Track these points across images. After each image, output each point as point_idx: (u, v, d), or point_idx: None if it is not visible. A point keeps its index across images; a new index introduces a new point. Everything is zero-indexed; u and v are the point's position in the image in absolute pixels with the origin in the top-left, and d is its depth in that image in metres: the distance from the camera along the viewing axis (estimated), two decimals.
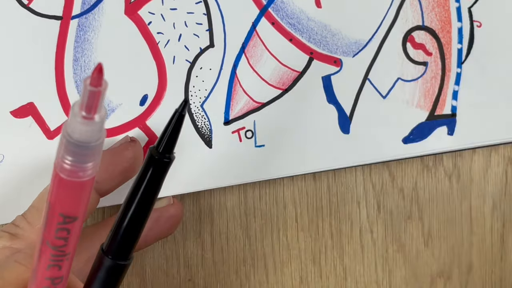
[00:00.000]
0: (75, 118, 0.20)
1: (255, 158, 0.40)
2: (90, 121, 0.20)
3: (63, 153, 0.22)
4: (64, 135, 0.21)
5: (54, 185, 0.22)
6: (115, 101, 0.40)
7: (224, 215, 0.43)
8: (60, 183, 0.22)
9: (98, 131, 0.21)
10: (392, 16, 0.41)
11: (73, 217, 0.23)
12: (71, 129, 0.21)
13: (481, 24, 0.41)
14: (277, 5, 0.40)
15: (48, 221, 0.23)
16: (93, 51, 0.40)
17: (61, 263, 0.24)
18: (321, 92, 0.41)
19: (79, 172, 0.22)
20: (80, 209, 0.23)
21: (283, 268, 0.43)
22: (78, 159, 0.22)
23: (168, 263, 0.42)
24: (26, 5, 0.39)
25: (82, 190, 0.22)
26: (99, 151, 0.22)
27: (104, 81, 0.20)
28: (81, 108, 0.20)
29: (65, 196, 0.23)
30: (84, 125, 0.21)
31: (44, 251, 0.24)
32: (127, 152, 0.38)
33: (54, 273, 0.24)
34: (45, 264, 0.24)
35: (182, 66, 0.40)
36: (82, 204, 0.23)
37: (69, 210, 0.23)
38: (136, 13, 0.40)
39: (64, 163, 0.22)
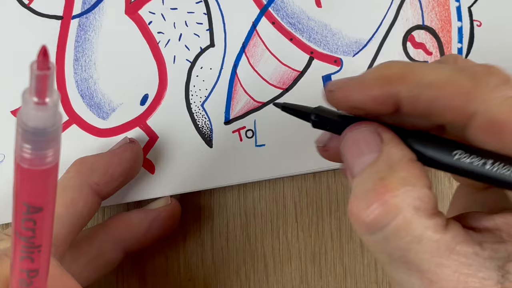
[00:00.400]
0: (27, 105, 0.20)
1: (255, 158, 0.40)
2: (43, 106, 0.20)
3: (21, 143, 0.21)
4: (19, 124, 0.21)
5: (16, 176, 0.22)
6: (116, 100, 0.40)
7: (224, 215, 0.43)
8: (22, 173, 0.22)
9: (53, 115, 0.21)
10: (392, 15, 0.41)
11: (38, 207, 0.22)
12: (25, 117, 0.20)
13: (481, 23, 0.41)
14: (277, 5, 0.41)
15: (15, 211, 0.23)
16: (93, 50, 0.40)
17: (33, 255, 0.24)
18: (321, 91, 0.41)
19: (38, 160, 0.22)
20: (45, 199, 0.23)
21: (283, 268, 0.43)
22: (36, 146, 0.21)
23: (168, 263, 0.42)
24: (27, 5, 0.39)
25: (45, 179, 0.22)
26: (57, 137, 0.22)
27: (51, 64, 0.20)
28: (31, 94, 0.20)
29: (28, 186, 0.22)
30: (37, 111, 0.20)
31: (16, 242, 0.24)
32: (127, 154, 0.38)
33: (27, 265, 0.24)
34: (18, 255, 0.24)
35: (182, 65, 0.40)
36: (47, 193, 0.23)
37: (32, 200, 0.22)
38: (137, 12, 0.40)
39: (23, 153, 0.21)
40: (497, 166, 0.24)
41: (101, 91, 0.40)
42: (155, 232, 0.39)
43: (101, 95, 0.40)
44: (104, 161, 0.37)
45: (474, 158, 0.24)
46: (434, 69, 0.26)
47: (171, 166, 0.40)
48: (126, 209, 0.41)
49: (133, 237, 0.38)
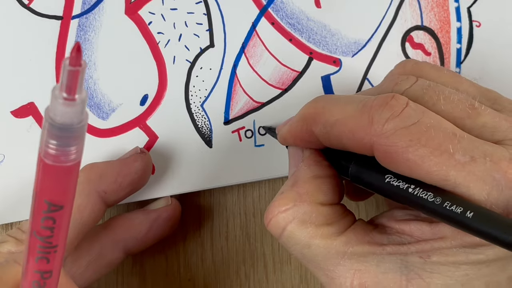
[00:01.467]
0: (56, 101, 0.20)
1: (255, 158, 0.41)
2: (72, 102, 0.20)
3: (47, 138, 0.22)
4: (46, 119, 0.21)
5: (39, 172, 0.22)
6: (116, 101, 0.40)
7: (224, 215, 0.43)
8: (45, 169, 0.22)
9: (80, 112, 0.21)
10: (391, 16, 0.41)
11: (59, 206, 0.22)
12: (53, 113, 0.21)
13: (480, 24, 0.42)
14: (276, 5, 0.41)
15: (35, 209, 0.23)
16: (93, 51, 0.40)
17: (49, 256, 0.24)
18: (320, 91, 0.41)
19: (63, 157, 0.22)
20: (66, 197, 0.23)
21: (282, 267, 0.43)
22: (62, 142, 0.22)
23: (168, 263, 0.42)
24: (27, 5, 0.39)
25: (67, 176, 0.22)
26: (82, 135, 0.22)
27: (83, 61, 0.20)
28: (61, 90, 0.20)
29: (50, 183, 0.22)
30: (65, 107, 0.20)
31: (32, 242, 0.24)
32: (137, 164, 0.38)
33: (42, 266, 0.24)
34: (34, 256, 0.24)
35: (182, 66, 0.40)
36: (68, 192, 0.23)
37: (54, 198, 0.22)
38: (137, 13, 0.40)
39: (48, 148, 0.22)
40: (417, 191, 0.26)
41: (101, 91, 0.40)
42: (156, 232, 0.39)
43: (101, 95, 0.40)
44: (114, 169, 0.37)
45: (401, 182, 0.27)
46: (341, 106, 0.29)
47: (171, 166, 0.40)
48: (127, 210, 0.41)
49: (133, 237, 0.38)
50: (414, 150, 0.26)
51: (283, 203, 0.30)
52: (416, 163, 0.26)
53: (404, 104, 0.27)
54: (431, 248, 0.27)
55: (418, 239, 0.28)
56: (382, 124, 0.27)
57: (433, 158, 0.25)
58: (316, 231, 0.29)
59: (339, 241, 0.29)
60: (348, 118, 0.28)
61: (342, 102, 0.29)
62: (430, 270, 0.27)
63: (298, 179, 0.31)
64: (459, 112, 0.28)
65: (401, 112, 0.27)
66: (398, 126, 0.26)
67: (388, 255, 0.28)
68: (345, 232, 0.29)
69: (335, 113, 0.29)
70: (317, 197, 0.30)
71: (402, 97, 0.27)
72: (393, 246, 0.28)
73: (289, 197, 0.30)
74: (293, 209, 0.30)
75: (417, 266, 0.27)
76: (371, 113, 0.27)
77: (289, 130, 0.32)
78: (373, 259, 0.28)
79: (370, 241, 0.29)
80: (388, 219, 0.30)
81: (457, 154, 0.25)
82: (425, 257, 0.27)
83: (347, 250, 0.29)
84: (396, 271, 0.27)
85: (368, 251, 0.28)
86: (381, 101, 0.27)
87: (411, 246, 0.28)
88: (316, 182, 0.31)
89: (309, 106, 0.31)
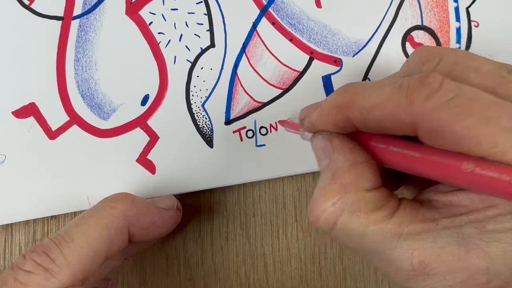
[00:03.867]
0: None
1: (255, 158, 0.41)
2: None
3: None
4: None
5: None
6: (117, 101, 0.40)
7: (224, 215, 0.43)
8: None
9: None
10: (391, 16, 0.41)
11: None
12: None
13: (478, 24, 0.42)
14: (277, 5, 0.41)
15: None
16: (94, 51, 0.40)
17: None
18: (321, 91, 0.41)
19: None
20: None
21: (282, 267, 0.43)
22: None
23: (168, 263, 0.42)
24: (27, 5, 0.39)
25: None
26: None
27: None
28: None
29: None
30: None
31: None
32: (171, 222, 0.38)
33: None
34: None
35: (183, 66, 0.40)
36: None
37: None
38: (137, 13, 0.40)
39: None
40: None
41: (101, 91, 0.40)
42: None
43: (101, 95, 0.40)
44: (149, 217, 0.36)
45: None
46: (376, 90, 0.29)
47: (171, 166, 0.40)
48: None
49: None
50: (460, 122, 0.25)
51: (330, 197, 0.29)
52: (463, 134, 0.25)
53: (441, 80, 0.27)
54: (485, 217, 0.27)
55: (469, 209, 0.28)
56: (423, 101, 0.26)
57: (480, 127, 0.25)
58: (369, 218, 0.29)
59: (392, 224, 0.28)
60: (386, 101, 0.28)
61: (377, 86, 0.29)
62: (487, 239, 0.27)
63: (337, 170, 0.30)
64: (490, 82, 0.27)
65: (440, 88, 0.26)
66: (439, 101, 0.26)
67: (443, 230, 0.28)
68: (396, 213, 0.29)
69: (371, 98, 0.29)
70: (362, 184, 0.29)
71: (437, 74, 0.27)
72: (446, 220, 0.28)
73: (333, 190, 0.29)
74: (340, 201, 0.29)
75: (474, 237, 0.27)
76: (409, 93, 0.27)
77: (320, 117, 0.31)
78: (429, 236, 0.28)
79: (422, 218, 0.28)
80: (434, 193, 0.30)
81: (503, 120, 0.25)
82: (480, 227, 0.27)
83: (402, 231, 0.28)
84: (454, 244, 0.27)
85: (422, 228, 0.28)
86: (417, 80, 0.27)
87: (464, 217, 0.28)
88: (356, 169, 0.30)
89: (342, 92, 0.30)
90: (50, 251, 0.32)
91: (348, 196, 0.29)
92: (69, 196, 0.40)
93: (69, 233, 0.33)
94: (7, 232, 0.41)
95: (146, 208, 0.36)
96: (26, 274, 0.31)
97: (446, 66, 0.29)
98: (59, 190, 0.40)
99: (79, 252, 0.32)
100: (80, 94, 0.40)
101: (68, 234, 0.33)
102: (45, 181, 0.40)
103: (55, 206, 0.40)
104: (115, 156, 0.40)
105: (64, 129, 0.40)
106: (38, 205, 0.40)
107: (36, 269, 0.31)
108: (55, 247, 0.32)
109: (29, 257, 0.32)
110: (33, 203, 0.40)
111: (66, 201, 0.40)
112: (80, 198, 0.40)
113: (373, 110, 0.28)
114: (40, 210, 0.40)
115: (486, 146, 0.25)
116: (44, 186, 0.40)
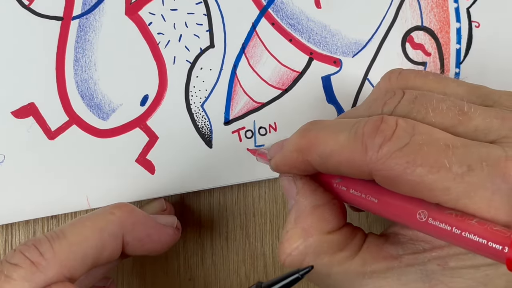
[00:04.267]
0: None
1: (255, 158, 0.41)
2: None
3: None
4: None
5: None
6: (116, 101, 0.40)
7: (224, 215, 0.43)
8: None
9: None
10: (391, 16, 0.41)
11: None
12: None
13: (479, 24, 0.42)
14: (277, 6, 0.41)
15: None
16: (93, 51, 0.40)
17: None
18: (320, 92, 0.41)
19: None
20: None
21: (282, 267, 0.43)
22: None
23: (168, 263, 0.43)
24: (27, 6, 0.39)
25: None
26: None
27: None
28: None
29: None
30: None
31: None
32: (168, 239, 0.37)
33: None
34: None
35: (182, 66, 0.40)
36: None
37: None
38: (137, 13, 0.40)
39: None
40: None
41: (101, 91, 0.40)
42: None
43: (101, 95, 0.40)
44: (146, 228, 0.36)
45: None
46: (334, 135, 0.29)
47: (171, 166, 0.40)
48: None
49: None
50: (412, 171, 0.26)
51: (293, 242, 0.30)
52: (416, 183, 0.26)
53: (394, 126, 0.27)
54: (447, 254, 0.27)
55: (433, 246, 0.28)
56: (376, 150, 0.27)
57: (431, 176, 0.25)
58: (332, 260, 0.29)
59: (355, 264, 0.29)
60: (343, 147, 0.28)
61: (334, 130, 0.29)
62: (451, 275, 0.27)
63: (299, 214, 0.31)
64: (450, 120, 0.28)
65: (392, 135, 0.27)
66: (391, 149, 0.26)
67: (406, 267, 0.28)
68: (359, 252, 0.30)
69: (328, 143, 0.29)
70: (323, 227, 0.30)
71: (391, 118, 0.27)
72: (409, 256, 0.28)
73: (296, 234, 0.30)
74: (303, 245, 0.30)
75: (438, 273, 0.27)
76: (364, 141, 0.27)
77: (282, 160, 0.32)
78: (393, 274, 0.28)
79: (385, 256, 0.29)
80: (401, 226, 0.30)
81: (454, 166, 0.25)
82: (443, 264, 0.27)
83: (366, 270, 0.29)
84: (418, 281, 0.27)
85: (386, 266, 0.28)
86: (371, 127, 0.27)
87: (427, 254, 0.28)
88: (317, 212, 0.31)
89: (301, 136, 0.31)
90: (40, 245, 0.31)
91: (310, 240, 0.30)
92: (69, 196, 0.40)
93: (63, 230, 0.33)
94: (7, 232, 0.42)
95: (144, 219, 0.36)
96: (11, 267, 0.30)
97: (407, 103, 0.29)
98: (59, 190, 0.40)
99: (70, 249, 0.32)
100: (80, 94, 0.40)
101: (62, 231, 0.32)
102: (44, 181, 0.40)
103: (54, 206, 0.40)
104: (115, 156, 0.40)
105: (63, 129, 0.40)
106: (38, 205, 0.40)
107: (23, 262, 0.31)
108: (46, 241, 0.32)
109: (18, 250, 0.31)
110: (33, 203, 0.40)
111: (65, 201, 0.40)
112: (80, 198, 0.40)
113: (331, 155, 0.29)
114: (40, 210, 0.40)
115: (439, 193, 0.25)
116: (43, 186, 0.40)
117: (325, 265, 0.29)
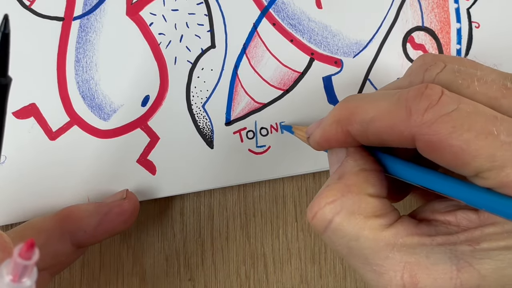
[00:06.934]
0: (2, 280, 0.21)
1: (256, 159, 0.41)
2: (18, 284, 0.21)
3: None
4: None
5: None
6: (117, 102, 0.40)
7: (224, 215, 0.43)
8: None
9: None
10: (392, 16, 0.41)
11: None
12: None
13: (479, 25, 0.42)
14: (278, 6, 0.41)
15: None
16: (94, 52, 0.40)
17: None
18: (322, 92, 0.41)
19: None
20: None
21: (282, 267, 0.43)
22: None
23: (168, 263, 0.43)
24: (28, 6, 0.39)
25: None
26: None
27: (34, 254, 0.21)
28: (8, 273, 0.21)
29: None
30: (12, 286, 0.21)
31: None
32: (124, 211, 0.38)
33: None
34: None
35: (183, 67, 0.40)
36: None
37: None
38: (138, 14, 0.40)
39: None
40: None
41: (102, 92, 0.40)
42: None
43: (102, 96, 0.40)
44: (94, 223, 0.37)
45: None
46: (375, 102, 0.29)
47: (172, 167, 0.40)
48: None
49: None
50: (458, 136, 0.25)
51: (331, 195, 0.29)
52: (461, 148, 0.25)
53: (440, 92, 0.27)
54: (481, 234, 0.27)
55: (467, 227, 0.28)
56: (422, 114, 0.26)
57: (478, 141, 0.25)
58: (365, 222, 0.28)
59: (388, 233, 0.28)
60: (385, 113, 0.28)
61: (375, 98, 0.29)
62: (480, 257, 0.27)
63: (345, 172, 0.30)
64: (494, 92, 0.27)
65: (438, 100, 0.26)
66: (438, 114, 0.26)
67: (437, 246, 0.28)
68: (393, 224, 0.29)
69: (370, 110, 0.29)
70: (366, 188, 0.29)
71: (437, 86, 0.27)
72: (442, 237, 0.28)
73: (336, 188, 0.29)
74: (341, 200, 0.29)
75: (467, 254, 0.27)
76: (408, 105, 0.27)
77: (322, 134, 0.32)
78: (423, 251, 0.28)
79: (418, 232, 0.28)
80: (431, 212, 0.30)
81: (502, 135, 0.25)
82: (474, 245, 0.27)
83: (396, 241, 0.28)
84: (446, 261, 0.27)
85: (417, 242, 0.28)
86: (416, 92, 0.27)
87: (460, 235, 0.27)
88: (364, 174, 0.30)
89: (341, 107, 0.30)
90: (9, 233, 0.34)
91: (349, 196, 0.29)
92: (70, 197, 0.40)
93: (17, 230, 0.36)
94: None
95: (86, 217, 0.37)
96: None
97: (449, 74, 0.29)
98: (60, 191, 0.40)
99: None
100: (81, 95, 0.40)
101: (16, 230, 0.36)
102: (45, 181, 0.40)
103: (55, 206, 0.40)
104: (116, 156, 0.40)
105: (64, 130, 0.40)
106: (38, 206, 0.40)
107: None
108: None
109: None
110: (33, 203, 0.40)
111: (66, 201, 0.40)
112: (81, 198, 0.40)
113: (372, 122, 0.28)
114: (40, 211, 0.40)
115: (483, 160, 0.25)
116: (44, 186, 0.40)
117: (357, 226, 0.28)
